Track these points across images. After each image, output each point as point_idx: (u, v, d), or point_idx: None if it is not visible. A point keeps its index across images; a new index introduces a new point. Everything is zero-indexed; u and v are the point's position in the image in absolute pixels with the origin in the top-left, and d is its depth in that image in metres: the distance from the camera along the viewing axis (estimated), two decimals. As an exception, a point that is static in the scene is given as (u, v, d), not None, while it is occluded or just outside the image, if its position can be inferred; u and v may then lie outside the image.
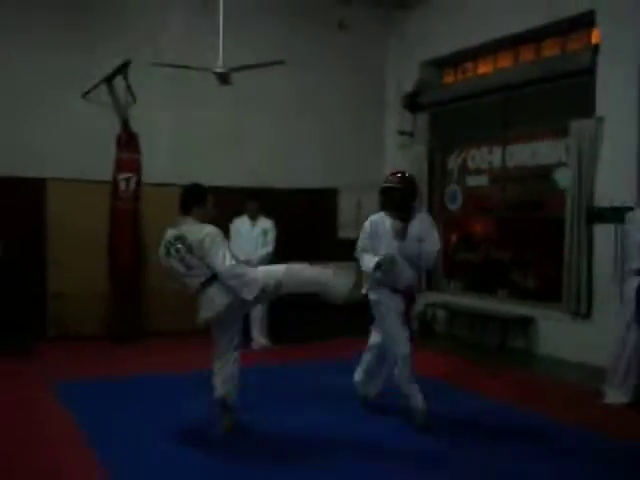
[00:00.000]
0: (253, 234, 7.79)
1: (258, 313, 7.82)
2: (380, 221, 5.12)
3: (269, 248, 7.72)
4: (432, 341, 8.58)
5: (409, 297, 5.13)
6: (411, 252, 4.96)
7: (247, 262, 7.57)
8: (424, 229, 5.07)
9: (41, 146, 7.96)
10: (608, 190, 7.03)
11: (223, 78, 7.28)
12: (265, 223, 7.79)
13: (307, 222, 9.13)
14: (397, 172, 5.31)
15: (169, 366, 6.99)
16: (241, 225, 7.85)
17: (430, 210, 9.46)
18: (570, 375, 6.91)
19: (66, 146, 8.04)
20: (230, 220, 7.93)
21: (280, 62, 6.92)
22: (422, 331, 8.97)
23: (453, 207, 9.31)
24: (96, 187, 7.93)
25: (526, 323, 7.90)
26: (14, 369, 6.66)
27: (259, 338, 7.87)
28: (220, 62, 6.97)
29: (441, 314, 9.08)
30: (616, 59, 6.95)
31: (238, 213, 8.03)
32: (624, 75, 6.82)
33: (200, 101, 8.52)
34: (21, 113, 7.94)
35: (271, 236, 7.78)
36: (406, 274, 5.02)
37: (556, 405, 5.77)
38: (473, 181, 9.04)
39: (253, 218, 7.85)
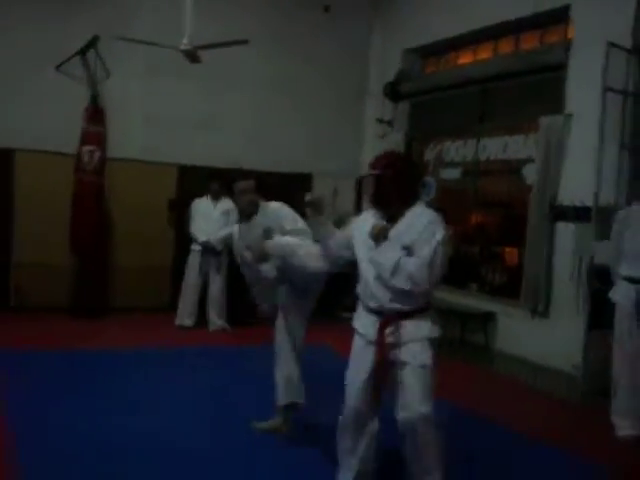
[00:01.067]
0: (214, 215, 7.74)
1: (216, 293, 7.81)
2: (361, 223, 3.57)
3: (230, 228, 7.65)
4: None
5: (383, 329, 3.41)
6: (383, 262, 3.34)
7: (207, 242, 7.65)
8: (416, 232, 3.34)
9: (12, 118, 7.93)
10: (573, 188, 6.92)
11: (191, 56, 7.21)
12: (227, 204, 7.74)
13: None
14: (385, 154, 3.75)
15: (122, 342, 7.03)
16: (202, 205, 7.81)
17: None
18: (521, 372, 6.87)
19: (37, 118, 7.98)
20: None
21: (244, 42, 6.82)
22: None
23: (426, 199, 9.19)
24: (63, 159, 7.91)
25: (486, 319, 7.82)
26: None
27: (216, 320, 7.85)
28: (186, 39, 6.90)
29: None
30: (587, 56, 6.79)
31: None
32: (593, 73, 6.68)
33: (174, 78, 8.42)
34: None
35: (233, 217, 7.71)
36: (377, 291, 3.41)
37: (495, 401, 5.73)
38: (447, 174, 8.93)
39: (215, 199, 7.80)
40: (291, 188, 9.41)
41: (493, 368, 7.29)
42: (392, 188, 3.41)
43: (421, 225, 3.34)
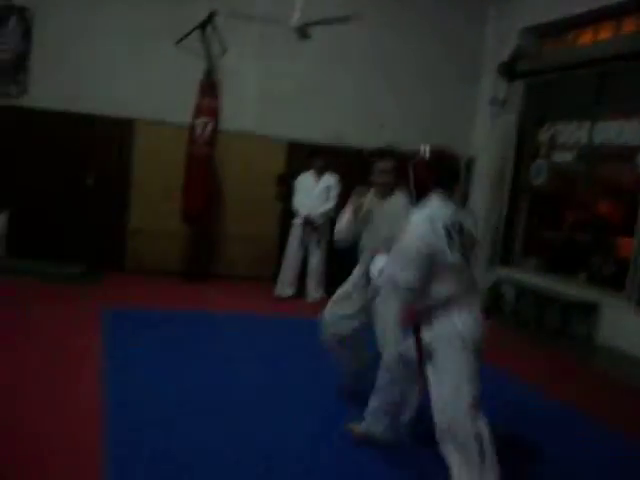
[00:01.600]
0: (316, 190, 7.92)
1: (315, 266, 8.00)
2: None
3: (331, 204, 7.81)
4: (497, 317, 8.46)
5: None
6: None
7: (307, 216, 7.85)
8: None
9: (133, 89, 8.43)
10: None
11: (301, 32, 7.39)
12: (329, 180, 7.88)
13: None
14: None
15: (223, 306, 7.44)
16: (305, 180, 8.00)
17: (514, 183, 9.22)
18: (622, 366, 6.61)
19: (156, 91, 8.44)
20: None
21: (347, 19, 6.92)
22: (490, 306, 8.81)
23: (537, 182, 8.94)
24: (179, 131, 8.30)
25: (590, 309, 7.54)
26: (82, 294, 7.25)
27: (313, 291, 8.05)
28: (296, 16, 7.08)
29: (510, 291, 8.83)
30: None
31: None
32: None
33: (286, 55, 8.61)
34: (119, 60, 8.39)
35: (334, 193, 7.86)
36: None
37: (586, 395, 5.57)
38: (559, 157, 8.62)
39: (318, 174, 7.97)
40: (399, 167, 9.52)
41: (594, 360, 7.05)
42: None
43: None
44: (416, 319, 3.52)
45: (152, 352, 5.41)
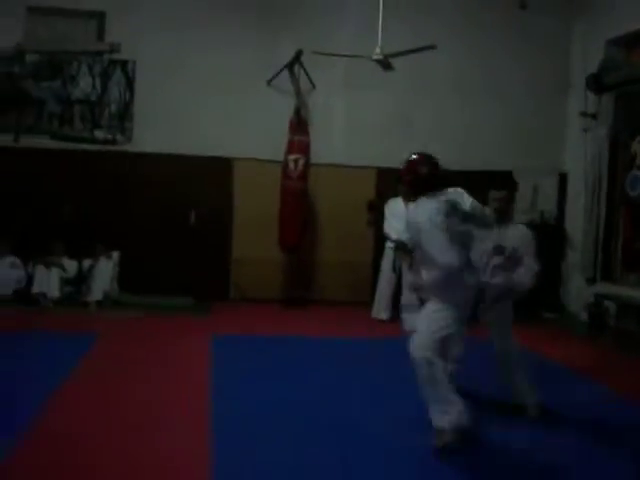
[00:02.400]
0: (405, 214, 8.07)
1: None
2: None
3: None
4: (600, 335, 8.33)
5: None
6: None
7: (398, 240, 8.02)
8: None
9: (230, 130, 8.97)
10: None
11: (384, 64, 7.66)
12: None
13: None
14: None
15: (321, 331, 7.70)
16: (395, 205, 8.19)
17: (610, 196, 9.05)
18: None
19: (251, 130, 8.95)
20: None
21: (432, 47, 7.12)
22: (592, 324, 8.67)
23: (633, 193, 8.75)
24: (273, 166, 8.75)
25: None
26: (192, 323, 7.78)
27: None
28: (378, 49, 7.35)
29: (613, 307, 8.65)
30: None
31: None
32: None
33: (371, 87, 8.91)
34: (215, 100, 8.96)
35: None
36: None
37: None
38: (655, 167, 8.45)
39: (406, 199, 8.13)
40: (490, 186, 9.55)
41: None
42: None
43: None
44: None
45: (255, 373, 5.74)
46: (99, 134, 8.84)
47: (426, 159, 4.61)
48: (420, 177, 4.46)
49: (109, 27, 8.78)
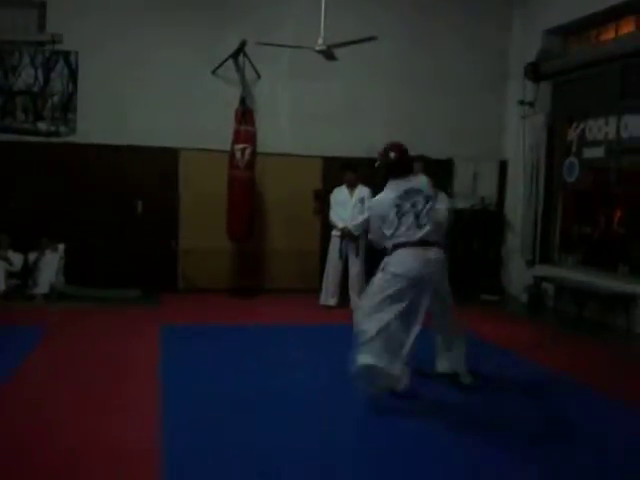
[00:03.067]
0: (350, 202, 8.25)
1: (355, 276, 8.32)
2: None
3: (366, 215, 8.10)
4: (538, 315, 8.67)
5: None
6: None
7: (344, 228, 8.19)
8: None
9: (176, 120, 8.96)
10: None
11: (327, 55, 7.76)
12: (362, 191, 8.20)
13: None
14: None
15: (271, 319, 7.82)
16: (339, 194, 8.34)
17: (548, 182, 9.37)
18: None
19: (196, 120, 8.94)
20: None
21: (373, 38, 7.24)
22: (531, 305, 9.00)
23: (570, 180, 9.09)
24: (220, 156, 8.76)
25: (627, 301, 7.67)
26: (139, 314, 7.80)
27: (356, 300, 8.36)
28: (320, 40, 7.44)
29: (550, 288, 8.99)
30: None
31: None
32: None
33: (316, 77, 9.01)
34: (160, 91, 8.95)
35: (368, 204, 8.14)
36: None
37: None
38: (589, 153, 8.77)
39: (351, 187, 8.30)
40: (433, 174, 9.77)
41: (633, 351, 7.16)
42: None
43: None
44: None
45: (203, 362, 5.85)
46: (42, 126, 8.65)
47: (397, 146, 5.42)
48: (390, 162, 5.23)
49: (50, 17, 8.64)
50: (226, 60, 8.90)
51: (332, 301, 8.42)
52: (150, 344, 6.32)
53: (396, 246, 4.92)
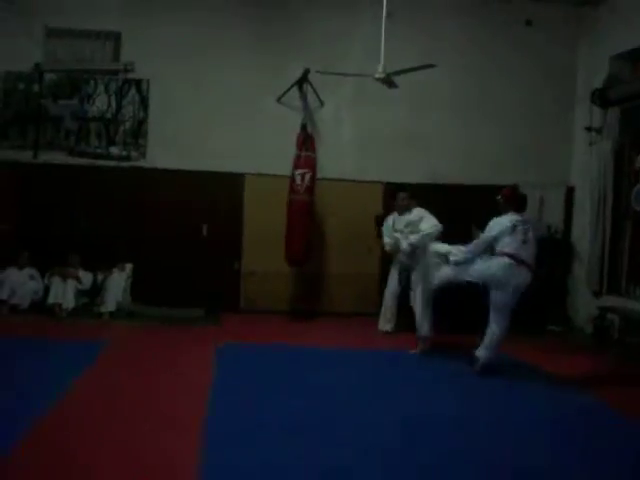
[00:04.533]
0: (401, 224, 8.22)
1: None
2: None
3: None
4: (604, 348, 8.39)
5: None
6: None
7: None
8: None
9: (240, 146, 9.23)
10: None
11: (388, 82, 7.84)
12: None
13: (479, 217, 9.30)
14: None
15: (327, 342, 7.86)
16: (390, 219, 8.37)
17: (615, 210, 9.13)
18: None
19: (261, 145, 9.20)
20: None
21: (431, 66, 7.28)
22: (596, 337, 8.74)
23: (639, 208, 8.82)
24: (282, 181, 8.94)
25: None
26: (200, 332, 8.04)
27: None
28: (380, 68, 7.54)
29: (617, 320, 8.70)
30: None
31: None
32: None
33: (378, 103, 9.10)
34: (227, 118, 9.25)
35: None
36: None
37: None
38: (658, 181, 8.52)
39: (403, 212, 8.24)
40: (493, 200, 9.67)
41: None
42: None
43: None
44: None
45: (258, 380, 5.99)
46: (114, 150, 9.16)
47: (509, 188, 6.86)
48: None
49: (124, 47, 9.09)
50: (290, 88, 9.12)
51: (388, 327, 8.40)
52: (206, 362, 6.48)
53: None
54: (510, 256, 6.32)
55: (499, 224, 6.47)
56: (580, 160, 9.66)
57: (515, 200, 6.63)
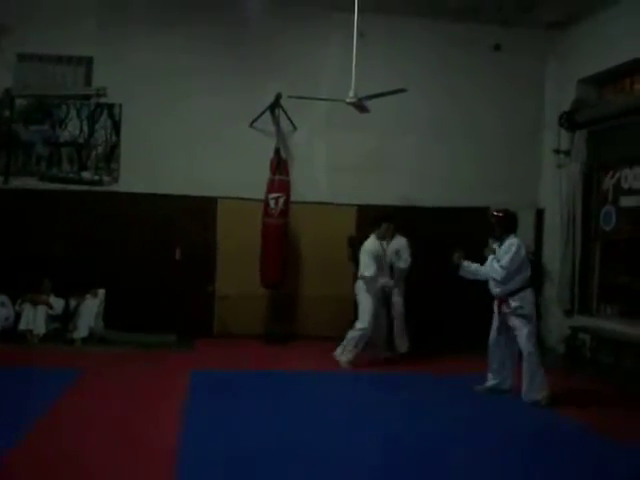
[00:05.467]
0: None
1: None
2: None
3: (404, 265, 8.20)
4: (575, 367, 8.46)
5: None
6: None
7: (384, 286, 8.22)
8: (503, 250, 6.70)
9: (213, 170, 9.24)
10: None
11: (359, 107, 7.91)
12: (399, 242, 8.25)
13: (451, 239, 9.37)
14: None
15: (303, 366, 7.87)
16: (373, 246, 8.34)
17: (585, 231, 9.27)
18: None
19: (233, 170, 9.20)
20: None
21: (402, 90, 7.37)
22: (568, 356, 8.83)
23: (608, 228, 8.98)
24: (255, 205, 8.98)
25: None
26: (173, 358, 7.99)
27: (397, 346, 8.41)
28: (351, 93, 7.60)
29: (589, 339, 8.81)
30: None
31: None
32: None
33: (350, 128, 9.12)
34: (199, 142, 9.27)
35: (406, 255, 8.22)
36: None
37: None
38: (626, 201, 8.66)
39: (383, 239, 8.33)
40: (467, 222, 9.77)
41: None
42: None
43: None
44: None
45: (229, 407, 5.94)
46: (86, 175, 9.12)
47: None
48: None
49: (96, 72, 9.09)
50: (263, 113, 9.17)
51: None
52: (180, 389, 6.43)
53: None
54: None
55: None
56: (549, 182, 9.82)
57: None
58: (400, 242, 8.33)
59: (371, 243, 8.08)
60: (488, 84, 9.77)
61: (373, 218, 8.34)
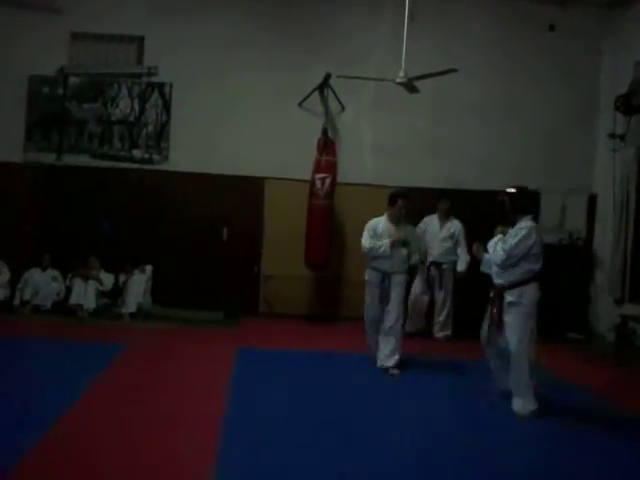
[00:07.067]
0: (441, 234, 8.38)
1: (440, 305, 8.41)
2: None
3: (465, 252, 8.17)
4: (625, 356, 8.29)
5: None
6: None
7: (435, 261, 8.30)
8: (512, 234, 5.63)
9: (262, 150, 9.28)
10: None
11: (409, 87, 7.83)
12: (454, 225, 8.38)
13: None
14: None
15: (342, 345, 7.93)
16: (431, 223, 8.46)
17: (638, 217, 9.02)
18: None
19: (281, 150, 9.25)
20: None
21: (453, 70, 7.24)
22: (618, 345, 8.64)
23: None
24: (302, 185, 8.97)
25: None
26: (219, 335, 8.09)
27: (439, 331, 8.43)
28: (401, 73, 7.53)
29: (639, 328, 8.60)
30: None
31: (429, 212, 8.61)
32: None
33: (399, 108, 9.07)
34: (248, 122, 9.30)
35: (462, 239, 8.28)
36: None
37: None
38: (682, 188, 8.42)
39: (443, 217, 8.40)
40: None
41: None
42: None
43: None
44: None
45: (272, 383, 6.04)
46: (137, 153, 9.25)
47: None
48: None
49: (147, 51, 9.19)
50: (312, 93, 9.15)
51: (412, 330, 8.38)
52: (225, 364, 6.52)
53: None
54: None
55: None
56: (603, 167, 9.57)
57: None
58: (456, 225, 8.33)
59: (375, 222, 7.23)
60: (542, 65, 9.54)
61: (389, 196, 7.44)
